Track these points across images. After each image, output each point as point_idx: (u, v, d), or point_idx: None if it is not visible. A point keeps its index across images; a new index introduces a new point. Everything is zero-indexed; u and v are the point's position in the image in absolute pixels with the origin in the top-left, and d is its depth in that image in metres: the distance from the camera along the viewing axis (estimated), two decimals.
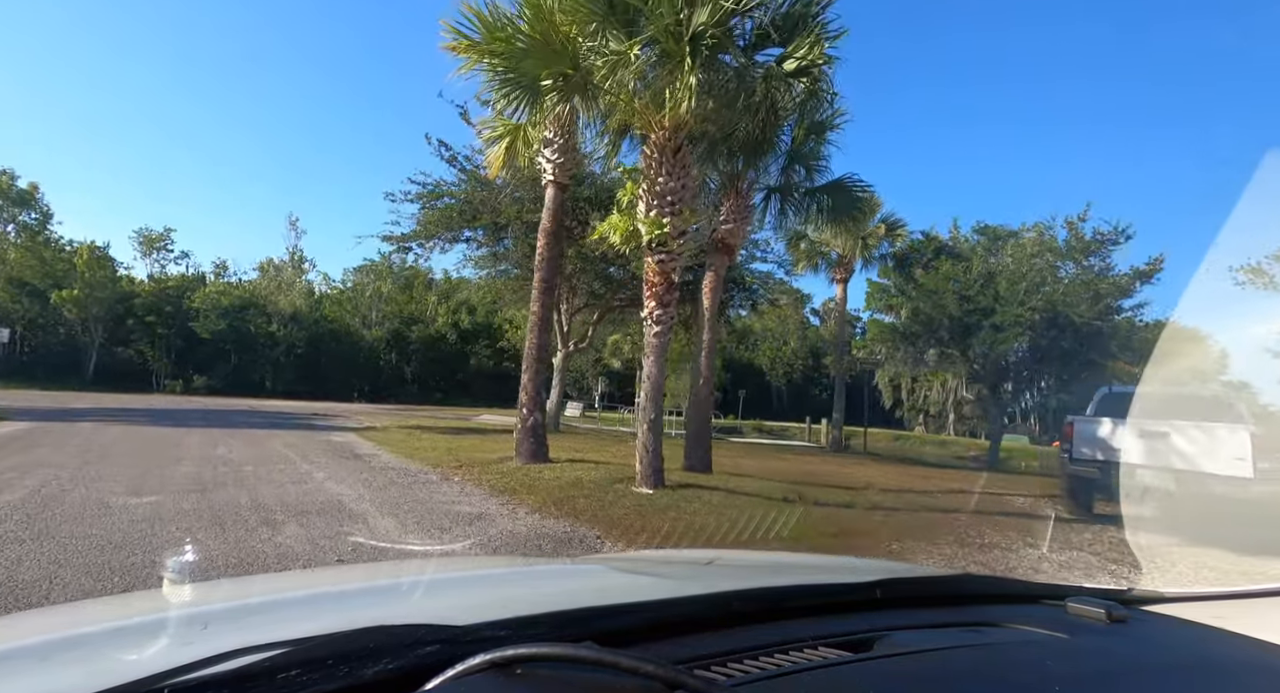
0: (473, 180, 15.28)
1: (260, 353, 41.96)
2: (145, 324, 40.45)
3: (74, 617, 1.04)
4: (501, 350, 55.80)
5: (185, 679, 0.55)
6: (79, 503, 5.61)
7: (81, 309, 37.83)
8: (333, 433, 13.58)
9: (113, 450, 8.87)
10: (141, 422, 13.57)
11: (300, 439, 11.67)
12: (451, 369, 52.27)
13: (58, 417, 14.42)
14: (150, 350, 40.85)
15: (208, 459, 8.59)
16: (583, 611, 0.84)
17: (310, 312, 46.57)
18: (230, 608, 0.94)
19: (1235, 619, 1.08)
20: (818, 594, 1.07)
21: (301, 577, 1.74)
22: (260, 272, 47.91)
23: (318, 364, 44.39)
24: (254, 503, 5.97)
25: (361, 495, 6.73)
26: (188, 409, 20.44)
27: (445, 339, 52.89)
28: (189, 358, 41.27)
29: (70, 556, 4.06)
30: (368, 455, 10.09)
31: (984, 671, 0.84)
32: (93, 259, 38.87)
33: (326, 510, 5.85)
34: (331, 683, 0.58)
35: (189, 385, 39.12)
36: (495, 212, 15.07)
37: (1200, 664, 0.94)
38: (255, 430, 13.13)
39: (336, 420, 18.61)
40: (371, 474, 8.15)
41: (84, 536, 4.55)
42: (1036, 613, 1.08)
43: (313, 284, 50.82)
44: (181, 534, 4.72)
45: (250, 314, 42.07)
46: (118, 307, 39.99)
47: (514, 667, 0.63)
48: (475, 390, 52.74)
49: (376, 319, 50.49)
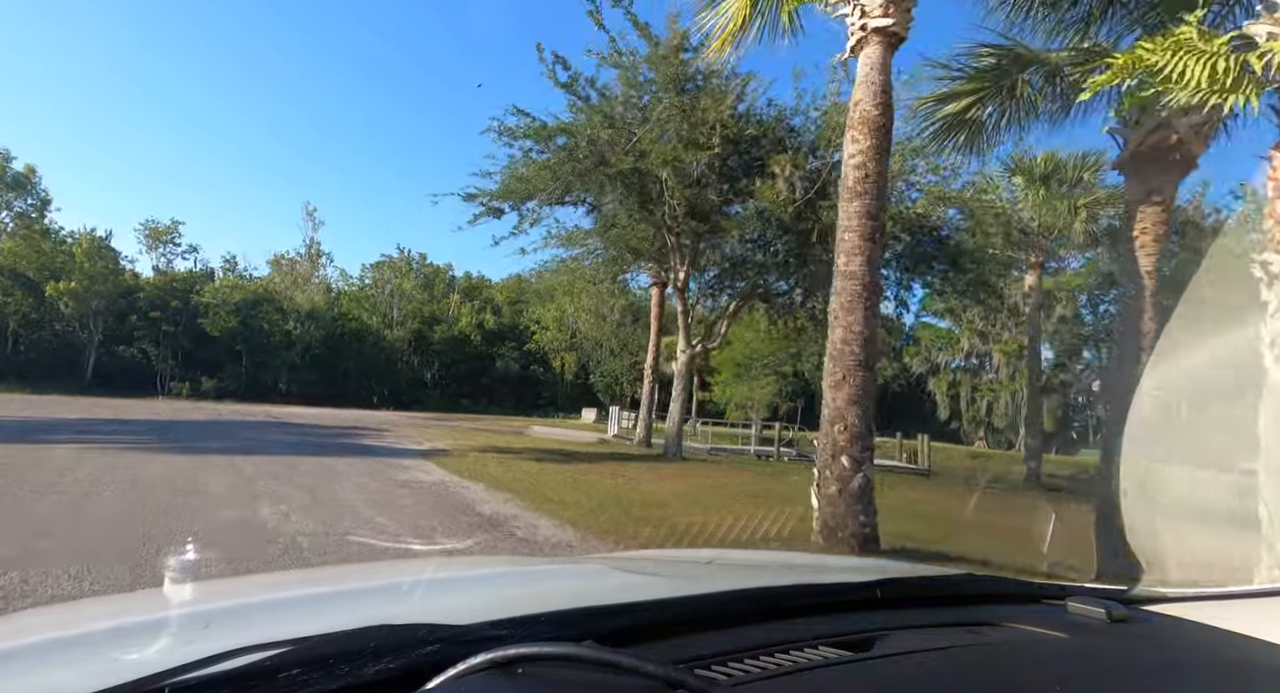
0: (599, 115, 11.37)
1: (274, 354, 38.40)
2: (149, 321, 36.94)
3: (75, 616, 1.02)
4: (529, 353, 52.44)
5: (186, 678, 0.54)
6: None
7: (80, 304, 34.35)
8: (404, 463, 9.96)
9: (82, 514, 5.28)
10: (138, 444, 10.02)
11: (374, 480, 7.93)
12: (476, 373, 48.68)
13: (32, 435, 10.88)
14: (154, 350, 37.31)
15: (252, 534, 4.99)
16: (583, 610, 0.83)
17: (329, 308, 43.03)
18: (231, 607, 0.92)
19: (1236, 619, 1.06)
20: (818, 594, 1.08)
21: (302, 576, 1.55)
22: (273, 266, 44.33)
23: (336, 367, 40.86)
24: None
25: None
26: (198, 422, 16.86)
27: (469, 340, 49.33)
28: (197, 359, 37.73)
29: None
30: (524, 526, 5.88)
31: (984, 670, 0.84)
32: (93, 249, 35.43)
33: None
34: (332, 682, 0.57)
35: (196, 389, 35.58)
36: (636, 154, 11.06)
37: (1201, 664, 0.94)
38: (297, 458, 9.57)
39: (386, 438, 15.03)
40: None
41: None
42: (1037, 613, 1.08)
43: (330, 281, 47.18)
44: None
45: (264, 310, 38.53)
46: (120, 301, 36.52)
47: (514, 666, 0.63)
48: (501, 396, 49.15)
49: (398, 318, 46.89)
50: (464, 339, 48.94)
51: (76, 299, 33.95)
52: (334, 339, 41.10)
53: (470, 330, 49.83)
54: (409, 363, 46.23)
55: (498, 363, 49.12)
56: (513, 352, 50.23)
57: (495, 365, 49.02)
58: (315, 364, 40.09)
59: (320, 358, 40.28)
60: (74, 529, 4.86)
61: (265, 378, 38.36)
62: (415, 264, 53.51)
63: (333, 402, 37.21)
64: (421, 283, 51.84)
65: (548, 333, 51.48)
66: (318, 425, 18.11)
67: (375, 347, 42.81)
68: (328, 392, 39.60)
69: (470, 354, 48.87)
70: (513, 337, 52.37)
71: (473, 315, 51.68)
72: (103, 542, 4.54)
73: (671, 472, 10.70)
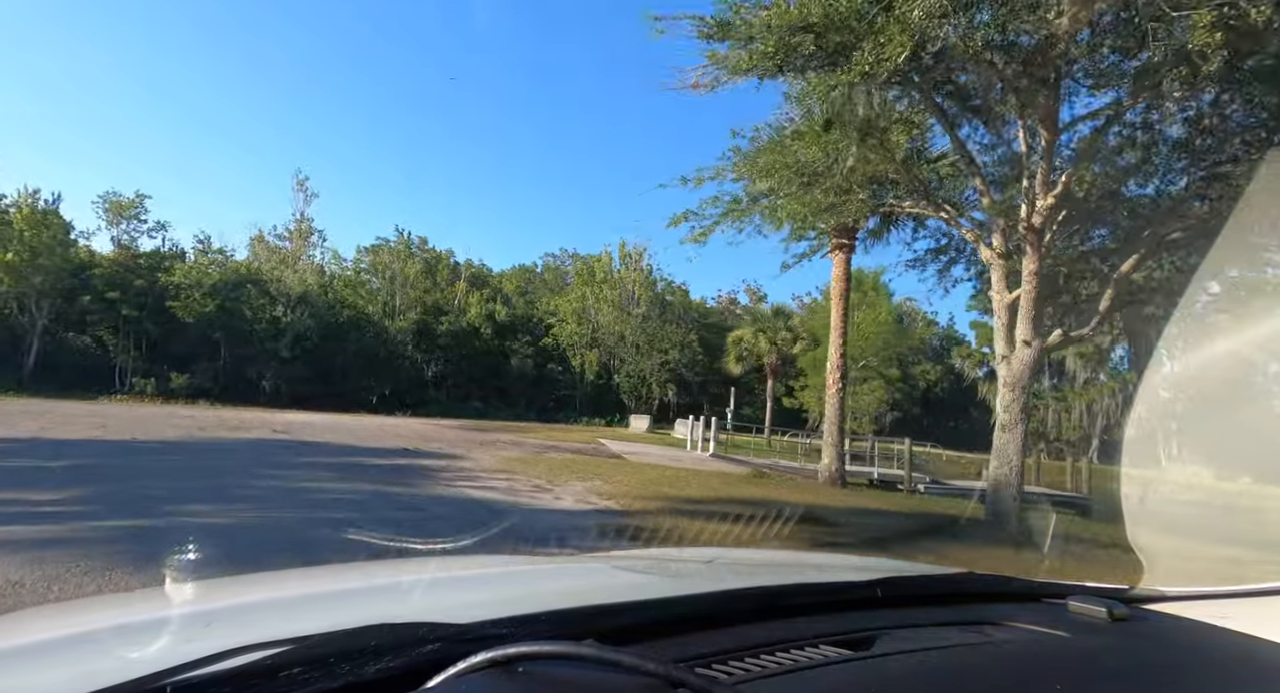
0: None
1: (259, 345, 32.43)
2: (106, 303, 30.73)
3: (77, 615, 1.01)
4: (544, 349, 46.94)
5: (188, 677, 0.54)
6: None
7: (18, 281, 28.10)
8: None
9: None
10: (36, 513, 4.77)
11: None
12: (488, 371, 43.12)
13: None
14: (112, 338, 31.10)
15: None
16: (584, 609, 0.83)
17: (324, 294, 37.11)
18: (232, 606, 0.91)
19: (1237, 618, 1.06)
20: (818, 592, 1.07)
21: (303, 576, 1.42)
22: (256, 244, 38.19)
23: (330, 361, 35.03)
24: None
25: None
26: (164, 445, 11.28)
27: (479, 334, 43.76)
28: (165, 350, 31.61)
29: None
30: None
31: (985, 669, 0.83)
32: (35, 216, 29.12)
33: None
34: (333, 681, 0.57)
35: (164, 386, 29.55)
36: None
37: (1202, 663, 0.94)
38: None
39: (484, 478, 9.81)
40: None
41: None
42: (1038, 612, 1.08)
43: (322, 264, 41.23)
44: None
45: (247, 294, 32.52)
46: (70, 280, 30.25)
47: (515, 665, 0.62)
48: (514, 397, 43.61)
49: (401, 307, 41.14)
50: (473, 332, 43.36)
51: (14, 275, 27.71)
52: (328, 329, 35.23)
53: (480, 323, 44.24)
54: (412, 359, 40.50)
55: (512, 360, 43.59)
56: (527, 347, 44.78)
57: (509, 363, 43.48)
58: (306, 358, 34.21)
59: (312, 351, 34.41)
60: None
61: (248, 373, 32.39)
62: (415, 249, 47.80)
63: (328, 403, 31.48)
64: (423, 269, 46.15)
65: (567, 327, 46.18)
66: (351, 445, 12.80)
67: (375, 339, 37.04)
68: (321, 390, 33.80)
69: (480, 349, 43.28)
70: (525, 330, 46.85)
71: (481, 306, 46.07)
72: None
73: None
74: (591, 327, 45.80)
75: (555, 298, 49.95)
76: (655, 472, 11.37)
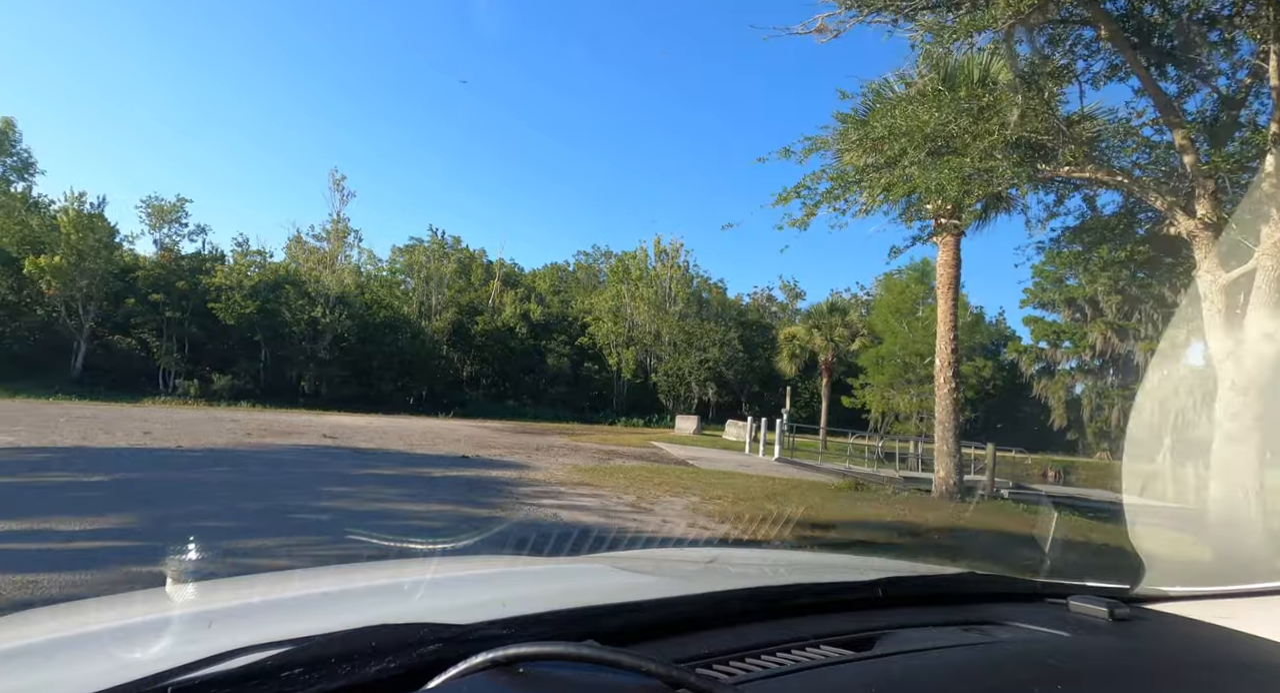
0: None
1: (298, 346, 32.22)
2: (150, 305, 30.78)
3: (79, 616, 0.99)
4: (581, 348, 46.11)
5: (189, 678, 0.54)
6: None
7: (66, 283, 28.22)
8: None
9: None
10: (67, 550, 3.99)
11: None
12: (524, 370, 42.47)
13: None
14: (156, 341, 31.16)
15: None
16: (584, 610, 0.82)
17: (361, 294, 36.81)
18: (234, 607, 0.92)
19: (1238, 618, 1.04)
20: (819, 593, 1.05)
21: (304, 576, 1.44)
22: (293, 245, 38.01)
23: (368, 363, 34.68)
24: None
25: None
26: (213, 453, 10.65)
27: (515, 333, 43.12)
28: (207, 351, 31.62)
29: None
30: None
31: (986, 669, 0.83)
32: (81, 218, 29.22)
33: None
34: (334, 682, 0.57)
35: (206, 388, 29.46)
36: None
37: (1203, 663, 0.93)
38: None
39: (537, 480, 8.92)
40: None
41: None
42: (1039, 612, 1.07)
43: (358, 264, 40.93)
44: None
45: (287, 295, 32.30)
46: (114, 282, 30.36)
47: (515, 666, 0.62)
48: (551, 397, 42.88)
49: (436, 307, 40.69)
50: (509, 332, 42.71)
51: (61, 278, 27.80)
52: (366, 330, 34.89)
53: (515, 322, 43.62)
54: (448, 359, 40.05)
55: (548, 359, 42.89)
56: (563, 346, 44.02)
57: (545, 362, 42.78)
58: (344, 360, 33.94)
59: (350, 352, 34.12)
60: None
61: (288, 375, 32.21)
62: (450, 248, 47.35)
63: (367, 405, 31.12)
64: (457, 268, 45.68)
65: (603, 325, 45.29)
66: (407, 453, 12.05)
67: (412, 340, 36.59)
68: (359, 392, 33.54)
69: (516, 349, 42.64)
70: (560, 329, 46.10)
71: (516, 305, 45.45)
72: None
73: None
74: (628, 324, 44.87)
75: (590, 296, 49.16)
76: (741, 482, 10.34)
